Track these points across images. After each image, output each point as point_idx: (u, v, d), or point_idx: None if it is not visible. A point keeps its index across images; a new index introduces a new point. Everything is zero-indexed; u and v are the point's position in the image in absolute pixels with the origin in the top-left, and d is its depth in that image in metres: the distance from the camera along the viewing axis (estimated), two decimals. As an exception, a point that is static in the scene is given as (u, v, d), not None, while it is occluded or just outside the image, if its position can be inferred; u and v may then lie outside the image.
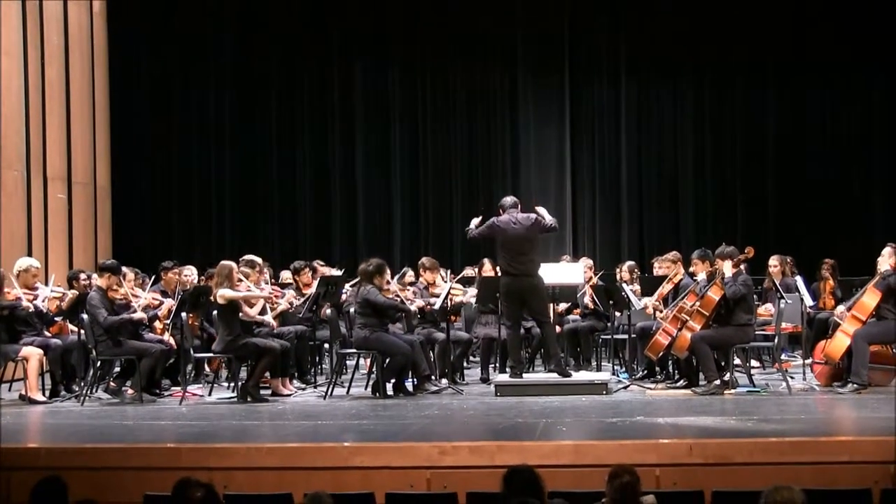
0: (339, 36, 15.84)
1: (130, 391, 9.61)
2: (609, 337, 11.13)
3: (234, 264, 9.68)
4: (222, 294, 9.33)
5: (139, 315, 9.69)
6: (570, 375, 9.59)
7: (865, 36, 15.06)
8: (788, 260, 11.84)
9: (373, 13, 15.85)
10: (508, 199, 9.79)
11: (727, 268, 9.17)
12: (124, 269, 10.23)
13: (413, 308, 10.13)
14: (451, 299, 10.38)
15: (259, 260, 10.46)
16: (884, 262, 9.22)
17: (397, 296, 9.95)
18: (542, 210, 9.81)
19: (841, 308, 9.61)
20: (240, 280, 9.61)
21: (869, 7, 14.88)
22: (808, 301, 11.02)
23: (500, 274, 9.82)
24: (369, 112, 15.97)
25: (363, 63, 15.91)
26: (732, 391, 9.12)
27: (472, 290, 10.78)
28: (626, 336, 10.66)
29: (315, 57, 15.93)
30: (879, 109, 15.42)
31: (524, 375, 9.76)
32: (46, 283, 10.46)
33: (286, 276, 11.97)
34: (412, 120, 16.00)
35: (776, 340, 9.71)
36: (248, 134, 15.88)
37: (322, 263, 12.07)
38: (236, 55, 15.86)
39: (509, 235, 9.48)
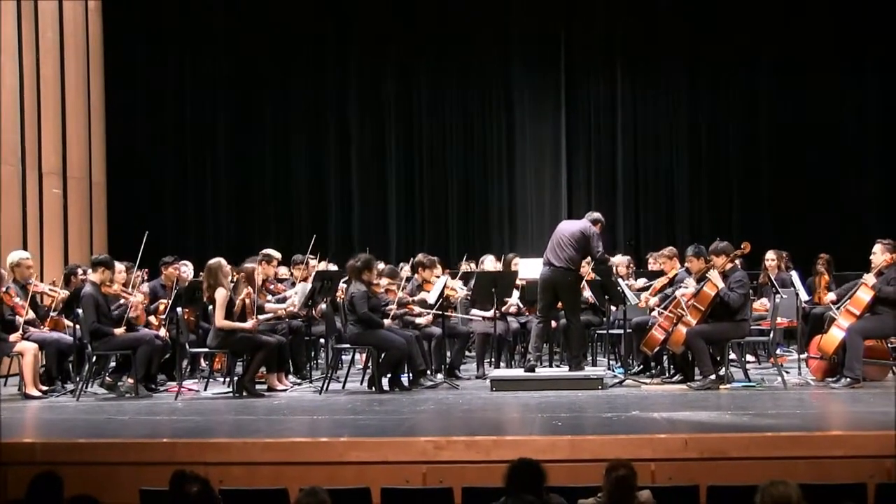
0: (335, 33, 15.83)
1: (129, 381, 9.57)
2: (605, 332, 11.15)
3: (222, 261, 9.55)
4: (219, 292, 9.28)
5: (120, 330, 9.45)
6: (582, 369, 9.66)
7: (862, 34, 15.10)
8: (784, 255, 11.86)
9: (368, 11, 15.84)
10: (594, 214, 9.95)
11: (716, 277, 9.14)
12: (115, 263, 10.21)
13: (392, 311, 9.92)
14: (447, 295, 10.39)
15: (277, 254, 10.74)
16: (877, 259, 9.18)
17: (386, 291, 10.00)
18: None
19: (832, 295, 9.68)
20: (232, 283, 9.52)
21: (865, 6, 14.89)
22: (804, 296, 11.04)
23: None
24: (364, 109, 15.97)
25: (358, 60, 15.90)
26: (728, 386, 9.13)
27: (465, 290, 10.72)
28: (621, 331, 10.67)
29: (310, 54, 15.92)
30: (875, 106, 15.46)
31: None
32: (41, 279, 10.44)
33: (283, 271, 11.92)
34: (407, 117, 16.00)
35: (771, 335, 9.71)
36: (243, 130, 15.87)
37: (312, 257, 12.03)
38: (231, 51, 15.86)
39: (556, 231, 9.78)
